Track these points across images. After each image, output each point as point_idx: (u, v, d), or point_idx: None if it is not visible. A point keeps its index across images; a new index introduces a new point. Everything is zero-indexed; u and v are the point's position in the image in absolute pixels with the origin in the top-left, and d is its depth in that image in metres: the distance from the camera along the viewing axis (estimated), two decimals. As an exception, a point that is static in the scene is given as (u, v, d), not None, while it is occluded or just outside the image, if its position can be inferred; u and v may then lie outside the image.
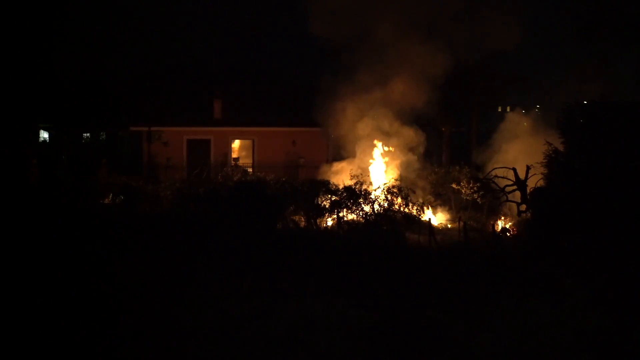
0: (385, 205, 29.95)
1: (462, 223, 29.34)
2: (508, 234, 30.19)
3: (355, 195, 30.24)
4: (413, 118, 37.20)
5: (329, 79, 36.73)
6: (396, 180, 32.37)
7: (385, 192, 30.44)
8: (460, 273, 19.69)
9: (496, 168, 32.42)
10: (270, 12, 77.15)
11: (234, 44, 69.29)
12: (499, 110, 40.73)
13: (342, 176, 35.40)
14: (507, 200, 31.91)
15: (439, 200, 35.14)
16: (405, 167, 36.71)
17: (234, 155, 45.49)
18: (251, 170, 42.28)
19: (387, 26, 35.99)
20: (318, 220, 30.00)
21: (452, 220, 33.62)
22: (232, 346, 13.15)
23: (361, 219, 29.59)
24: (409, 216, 29.81)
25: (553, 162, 26.32)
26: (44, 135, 55.76)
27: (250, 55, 70.21)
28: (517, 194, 31.45)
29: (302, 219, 30.04)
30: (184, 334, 13.73)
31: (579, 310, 10.84)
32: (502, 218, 32.40)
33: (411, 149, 37.32)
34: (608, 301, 11.11)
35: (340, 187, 31.34)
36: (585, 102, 28.24)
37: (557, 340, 10.55)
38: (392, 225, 28.90)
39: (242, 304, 15.16)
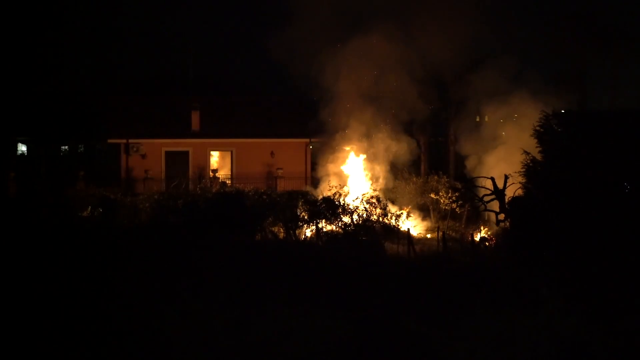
0: (364, 215, 29.96)
1: (441, 233, 29.34)
2: (487, 244, 30.18)
3: (334, 206, 30.24)
4: (391, 128, 37.17)
5: (310, 90, 36.67)
6: (375, 190, 32.37)
7: (364, 203, 30.45)
8: (439, 283, 19.69)
9: (474, 178, 32.40)
10: (248, 25, 77.24)
11: (212, 56, 69.22)
12: (477, 119, 40.62)
13: (321, 187, 35.37)
14: (486, 210, 31.89)
15: (417, 210, 35.13)
16: (384, 178, 36.70)
17: (213, 166, 45.32)
18: (230, 181, 42.16)
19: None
20: (297, 231, 29.96)
21: (431, 230, 33.62)
22: (211, 357, 13.13)
23: (340, 230, 29.59)
24: (387, 226, 29.84)
25: (531, 171, 26.39)
26: (22, 148, 55.44)
27: (228, 67, 70.15)
28: (496, 203, 31.43)
29: (281, 230, 29.99)
30: (164, 345, 13.69)
31: (554, 318, 10.89)
32: (482, 228, 32.37)
33: (390, 160, 37.31)
34: (582, 309, 11.17)
35: (319, 198, 31.32)
36: (562, 112, 28.31)
37: (533, 348, 10.60)
38: (371, 236, 28.94)
39: (220, 314, 15.14)
